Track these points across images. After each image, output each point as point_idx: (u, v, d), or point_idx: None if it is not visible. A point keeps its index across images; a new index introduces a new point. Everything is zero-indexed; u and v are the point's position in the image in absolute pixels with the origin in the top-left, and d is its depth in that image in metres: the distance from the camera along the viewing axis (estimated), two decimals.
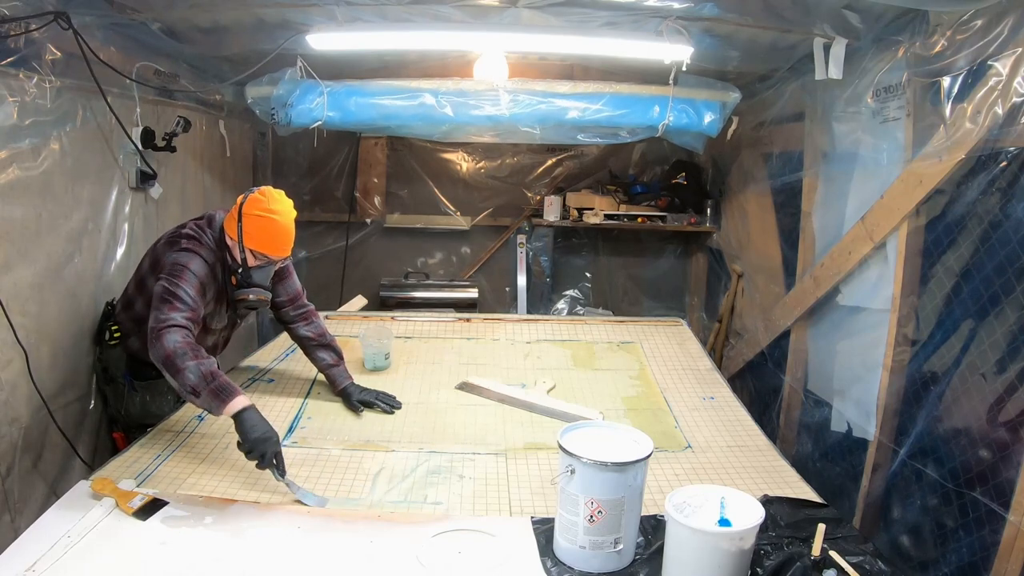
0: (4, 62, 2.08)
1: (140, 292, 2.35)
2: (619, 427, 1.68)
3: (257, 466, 1.83)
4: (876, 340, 2.57)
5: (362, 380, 2.53)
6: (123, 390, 2.45)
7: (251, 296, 2.21)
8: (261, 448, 1.82)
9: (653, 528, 1.66)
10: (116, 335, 2.44)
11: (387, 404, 2.41)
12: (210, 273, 2.16)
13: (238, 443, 1.86)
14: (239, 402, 1.87)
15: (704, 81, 3.25)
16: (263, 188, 2.19)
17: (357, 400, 2.39)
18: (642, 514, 1.61)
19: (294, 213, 2.19)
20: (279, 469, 1.84)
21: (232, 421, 1.87)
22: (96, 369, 2.56)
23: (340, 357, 2.51)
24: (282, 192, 2.21)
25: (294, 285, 2.48)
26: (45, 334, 2.34)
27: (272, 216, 2.13)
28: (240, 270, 2.19)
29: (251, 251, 2.16)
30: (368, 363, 2.73)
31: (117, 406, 2.50)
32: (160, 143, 2.97)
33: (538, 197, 4.98)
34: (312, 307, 2.55)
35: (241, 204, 2.15)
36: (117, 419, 2.54)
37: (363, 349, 2.74)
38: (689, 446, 2.25)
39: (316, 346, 2.49)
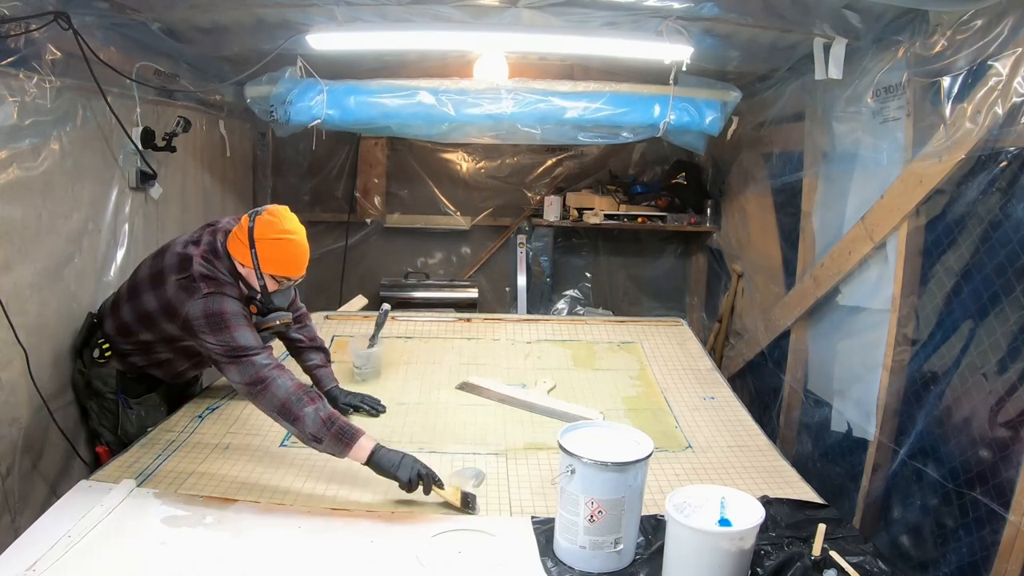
0: (4, 62, 2.08)
1: (147, 328, 2.19)
2: (619, 427, 1.68)
3: (426, 490, 1.81)
4: (876, 340, 2.57)
5: (357, 386, 2.54)
6: (115, 407, 2.36)
7: (277, 322, 2.19)
8: (410, 474, 1.80)
9: (653, 528, 1.67)
10: (107, 354, 2.30)
11: (372, 407, 2.42)
12: (243, 307, 2.07)
13: (399, 484, 1.82)
14: (364, 445, 1.84)
15: (704, 81, 3.25)
16: (270, 208, 2.11)
17: (343, 403, 2.39)
18: (642, 514, 1.61)
19: (304, 230, 2.12)
20: (437, 482, 1.82)
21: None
22: (77, 381, 2.40)
23: (328, 359, 2.52)
24: (287, 208, 2.14)
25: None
26: (45, 334, 2.33)
27: (289, 237, 2.06)
28: (259, 297, 2.12)
29: (271, 276, 2.09)
30: (358, 376, 2.70)
31: (101, 421, 2.39)
32: (160, 143, 2.96)
33: (538, 197, 4.98)
34: (305, 309, 2.53)
35: (250, 229, 2.04)
36: (100, 433, 2.43)
37: (353, 360, 2.71)
38: (689, 446, 2.25)
39: (306, 348, 2.49)
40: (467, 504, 1.82)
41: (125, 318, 2.24)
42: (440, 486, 1.82)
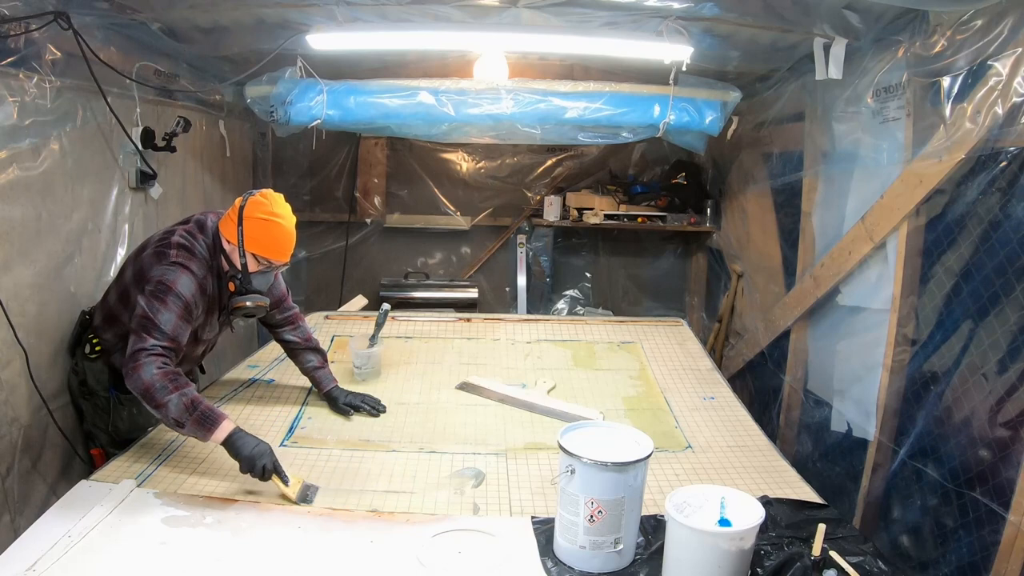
0: (4, 62, 2.08)
1: (125, 306, 2.18)
2: (619, 427, 1.68)
3: (260, 479, 1.84)
4: (876, 340, 2.57)
5: (357, 386, 2.54)
6: (107, 405, 2.34)
7: (248, 303, 2.14)
8: (257, 463, 1.83)
9: (653, 528, 1.66)
10: (97, 348, 2.29)
11: (373, 407, 2.41)
12: (199, 288, 2.06)
13: (239, 466, 1.86)
14: (224, 428, 1.87)
15: (704, 81, 3.25)
16: (264, 191, 2.13)
17: (344, 403, 2.39)
18: (642, 514, 1.61)
19: (294, 218, 2.14)
20: (282, 478, 1.84)
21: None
22: (72, 382, 2.39)
23: (325, 360, 2.51)
24: (281, 195, 2.15)
25: (280, 287, 2.41)
26: (45, 334, 2.33)
27: (276, 219, 2.08)
28: (239, 276, 2.12)
29: (253, 255, 2.10)
30: (358, 376, 2.70)
31: (95, 421, 2.38)
32: (160, 143, 2.96)
33: (538, 197, 4.98)
34: (297, 310, 2.51)
35: (241, 207, 2.07)
36: (94, 435, 2.40)
37: (353, 360, 2.71)
38: (689, 446, 2.25)
39: (302, 349, 2.48)
40: (305, 498, 1.84)
41: (110, 303, 2.25)
42: (284, 480, 1.84)
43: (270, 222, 2.08)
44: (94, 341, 2.30)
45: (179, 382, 1.89)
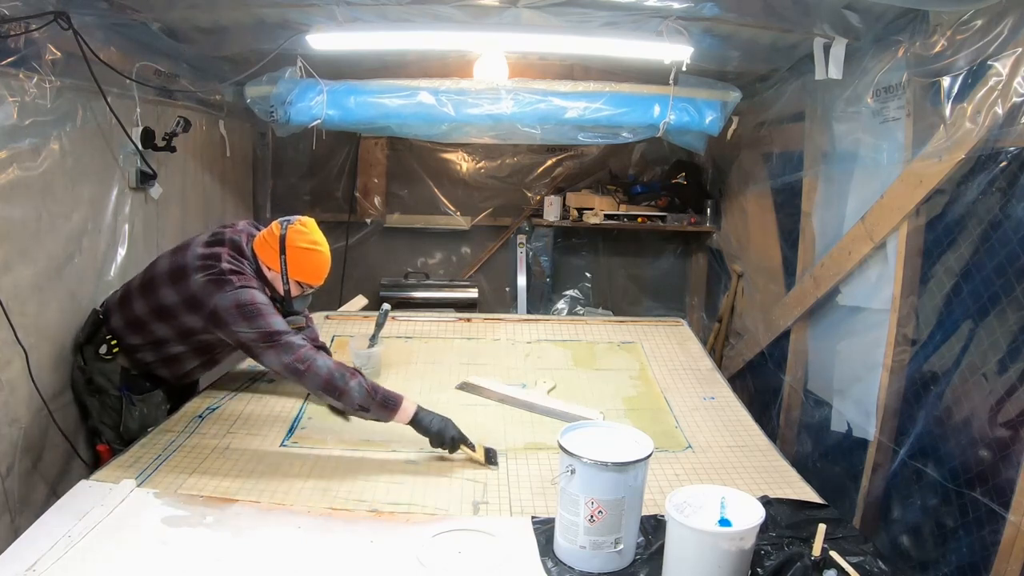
0: (4, 62, 2.08)
1: (162, 320, 2.23)
2: (619, 427, 1.68)
3: (450, 451, 2.03)
4: (876, 340, 2.57)
5: None
6: (117, 404, 2.36)
7: (291, 327, 2.25)
8: (446, 436, 2.02)
9: (653, 528, 1.66)
10: (115, 350, 2.32)
11: None
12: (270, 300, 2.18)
13: (430, 442, 2.03)
14: (407, 408, 2.04)
15: (704, 81, 3.25)
16: (301, 219, 2.26)
17: None
18: (642, 514, 1.61)
19: (328, 243, 2.30)
20: (469, 445, 2.04)
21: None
22: (76, 379, 2.40)
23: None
24: (314, 220, 2.29)
25: None
26: (45, 334, 2.33)
27: (317, 247, 2.24)
28: (281, 301, 2.26)
29: (296, 282, 2.26)
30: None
31: (102, 418, 2.39)
32: (160, 143, 2.96)
33: (538, 197, 4.98)
34: (307, 312, 2.55)
35: (282, 236, 2.20)
36: (100, 431, 2.41)
37: (353, 360, 2.71)
38: (689, 446, 2.25)
39: None
40: (490, 459, 2.05)
41: (137, 312, 2.28)
42: (470, 447, 2.04)
43: (312, 251, 2.23)
44: (112, 342, 2.32)
45: (351, 369, 2.04)
